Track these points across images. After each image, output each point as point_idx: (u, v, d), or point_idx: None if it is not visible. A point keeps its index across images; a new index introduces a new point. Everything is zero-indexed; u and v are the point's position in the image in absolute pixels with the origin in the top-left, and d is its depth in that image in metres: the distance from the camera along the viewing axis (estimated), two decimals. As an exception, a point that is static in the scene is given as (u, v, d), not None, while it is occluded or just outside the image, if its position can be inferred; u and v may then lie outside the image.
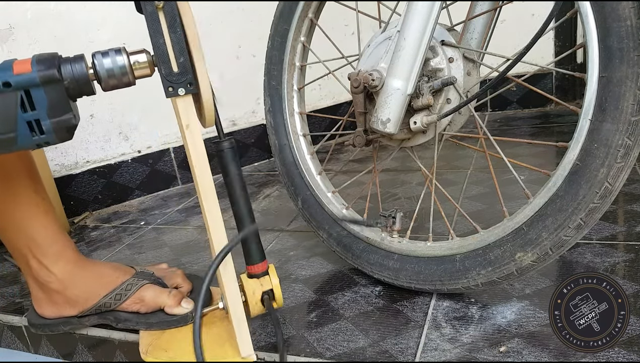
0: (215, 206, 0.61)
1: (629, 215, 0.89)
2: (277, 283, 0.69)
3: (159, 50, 0.55)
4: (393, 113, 0.68)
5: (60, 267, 0.76)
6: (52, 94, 0.54)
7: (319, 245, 0.97)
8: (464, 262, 0.69)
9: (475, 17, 0.72)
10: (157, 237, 1.16)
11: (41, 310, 0.79)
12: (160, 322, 0.76)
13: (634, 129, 0.54)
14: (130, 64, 0.57)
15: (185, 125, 0.58)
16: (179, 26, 0.55)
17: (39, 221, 0.75)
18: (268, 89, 0.91)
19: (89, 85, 0.56)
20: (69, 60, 0.56)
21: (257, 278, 0.69)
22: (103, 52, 0.57)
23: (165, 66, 0.56)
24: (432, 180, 0.74)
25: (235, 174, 0.66)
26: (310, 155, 0.89)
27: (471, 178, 1.18)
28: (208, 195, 0.61)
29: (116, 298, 0.76)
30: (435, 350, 0.63)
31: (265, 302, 0.68)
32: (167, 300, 0.75)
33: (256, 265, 0.69)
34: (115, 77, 0.57)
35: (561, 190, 0.59)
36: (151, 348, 0.72)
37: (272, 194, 1.32)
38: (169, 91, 0.57)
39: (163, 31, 0.55)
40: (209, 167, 0.61)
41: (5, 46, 1.26)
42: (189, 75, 0.56)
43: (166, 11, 0.54)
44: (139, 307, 0.76)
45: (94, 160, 1.42)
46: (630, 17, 0.53)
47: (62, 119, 0.55)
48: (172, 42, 0.55)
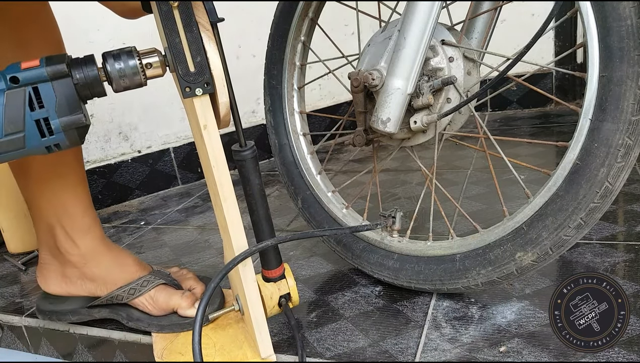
0: (234, 209, 0.61)
1: (629, 215, 0.89)
2: (293, 285, 0.70)
3: (175, 49, 0.55)
4: (393, 112, 0.68)
5: (87, 241, 0.75)
6: (60, 90, 0.53)
7: (319, 245, 0.97)
8: (464, 262, 0.69)
9: (475, 17, 0.72)
10: (157, 237, 1.16)
11: (46, 285, 0.77)
12: (172, 325, 0.75)
13: (634, 129, 0.54)
14: (142, 65, 0.56)
15: (203, 126, 0.57)
16: (195, 25, 0.54)
17: (75, 191, 0.74)
18: (268, 88, 0.91)
19: (100, 85, 0.55)
20: (78, 60, 0.55)
21: (274, 282, 0.69)
22: (114, 54, 0.55)
23: (182, 66, 0.55)
24: (432, 179, 0.74)
25: (257, 184, 0.64)
26: (310, 155, 0.89)
27: (471, 178, 1.18)
28: (227, 198, 0.60)
29: (130, 292, 0.75)
30: (435, 350, 0.63)
31: (284, 306, 0.69)
32: (180, 302, 0.74)
33: (273, 270, 0.69)
34: (127, 78, 0.56)
35: (561, 190, 0.59)
36: (167, 352, 0.71)
37: (272, 194, 1.32)
38: (186, 92, 0.56)
39: (179, 30, 0.54)
40: (227, 169, 0.60)
41: (5, 46, 1.25)
42: (205, 75, 0.55)
43: (181, 10, 0.54)
44: (150, 307, 0.75)
45: (93, 160, 1.42)
46: (631, 16, 0.53)
47: (72, 118, 0.53)
48: (188, 42, 0.54)
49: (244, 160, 0.63)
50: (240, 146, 0.63)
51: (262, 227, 0.67)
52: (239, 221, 0.62)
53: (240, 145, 0.63)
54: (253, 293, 0.64)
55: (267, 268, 0.69)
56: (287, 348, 0.68)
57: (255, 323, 0.64)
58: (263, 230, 0.67)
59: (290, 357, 0.66)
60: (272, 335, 0.71)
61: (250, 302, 0.64)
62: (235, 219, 0.61)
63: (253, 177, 0.64)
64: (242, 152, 0.63)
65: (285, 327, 0.73)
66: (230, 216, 0.61)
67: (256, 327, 0.64)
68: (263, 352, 0.65)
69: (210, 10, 0.55)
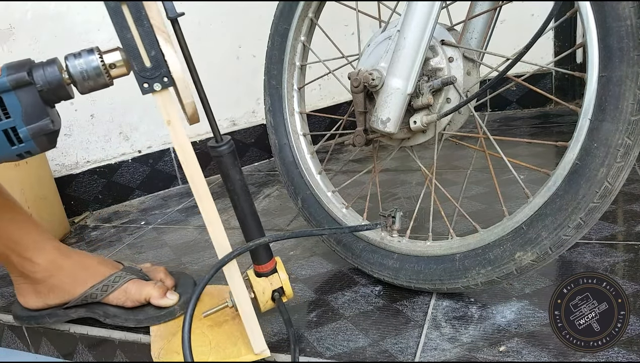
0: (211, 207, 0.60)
1: (628, 215, 0.89)
2: (286, 279, 0.69)
3: (128, 45, 0.53)
4: (393, 112, 0.68)
5: (44, 256, 0.77)
6: (25, 98, 0.53)
7: (319, 245, 0.97)
8: (463, 262, 0.69)
9: (475, 17, 0.72)
10: (158, 237, 1.16)
11: (25, 302, 0.80)
12: (149, 318, 0.77)
13: (633, 129, 0.54)
14: (104, 64, 0.55)
15: (167, 121, 0.56)
16: (146, 18, 0.52)
17: (14, 222, 0.77)
18: (268, 88, 0.91)
19: (63, 89, 0.55)
20: (41, 64, 0.54)
21: (265, 277, 0.69)
22: (75, 54, 0.55)
23: (137, 62, 0.53)
24: (432, 179, 0.74)
25: (237, 179, 0.63)
26: (310, 155, 0.89)
27: (471, 178, 1.18)
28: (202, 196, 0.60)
29: (103, 289, 0.77)
30: (435, 350, 0.63)
31: (277, 301, 0.69)
32: (152, 291, 0.77)
33: (264, 265, 0.68)
34: (90, 79, 0.55)
35: (561, 190, 0.59)
36: (163, 352, 0.71)
37: (272, 194, 1.32)
38: (144, 88, 0.54)
39: (130, 26, 0.52)
40: (197, 164, 0.59)
41: (5, 46, 1.26)
42: (163, 69, 0.54)
43: (130, 5, 0.52)
44: (124, 300, 0.78)
45: (94, 160, 1.42)
46: (630, 16, 0.53)
47: (39, 125, 0.54)
48: (140, 36, 0.53)
49: (222, 156, 0.62)
50: (217, 141, 0.62)
51: (248, 223, 0.66)
52: (217, 219, 0.61)
53: (216, 140, 0.62)
54: (239, 289, 0.64)
55: (258, 263, 0.68)
56: (287, 348, 0.68)
57: (245, 320, 0.65)
58: (249, 225, 0.66)
59: (290, 356, 0.66)
60: (272, 335, 0.71)
61: (238, 298, 0.64)
62: (213, 218, 0.61)
63: (233, 172, 0.63)
64: (218, 148, 0.61)
65: (283, 326, 0.73)
66: (207, 215, 0.60)
67: (246, 323, 0.65)
68: (256, 348, 0.65)
69: (168, 8, 0.54)
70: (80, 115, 1.37)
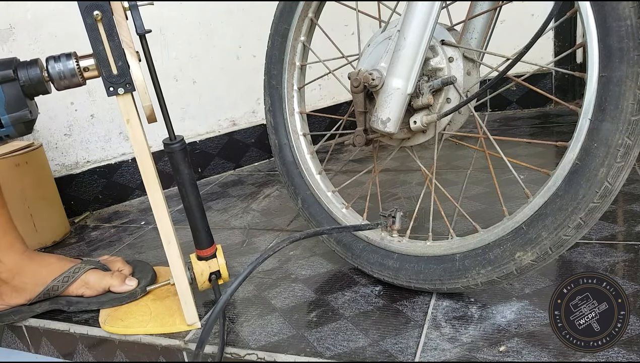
0: (156, 187, 0.69)
1: (628, 215, 0.89)
2: (223, 264, 0.79)
3: (99, 55, 0.64)
4: (393, 112, 0.68)
5: (10, 256, 0.80)
6: (8, 91, 0.64)
7: (319, 245, 0.97)
8: (463, 262, 0.69)
9: (475, 17, 0.72)
10: (157, 237, 1.15)
11: None
12: (112, 300, 0.83)
13: (633, 129, 0.54)
14: (79, 67, 0.65)
15: (126, 120, 0.66)
16: (116, 35, 0.63)
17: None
18: (268, 88, 0.91)
19: (42, 85, 0.65)
20: (25, 63, 0.65)
21: (205, 260, 0.78)
22: (55, 57, 0.65)
23: (106, 69, 0.64)
24: (432, 179, 0.74)
25: (186, 173, 0.74)
26: (310, 155, 0.89)
27: (471, 178, 1.18)
28: (150, 181, 0.68)
29: (64, 281, 0.82)
30: (435, 350, 0.63)
31: (213, 282, 0.78)
32: (111, 281, 0.83)
33: (205, 250, 0.78)
34: (66, 79, 0.65)
35: (561, 190, 0.59)
36: (109, 319, 0.80)
37: (272, 194, 1.32)
38: (110, 91, 0.65)
39: (103, 40, 0.63)
40: (150, 158, 0.68)
41: (5, 46, 1.26)
42: (127, 77, 0.64)
43: (104, 22, 0.62)
44: (84, 289, 0.82)
45: (94, 160, 1.42)
46: (630, 16, 0.53)
47: (19, 114, 0.65)
48: (110, 49, 0.63)
49: (173, 152, 0.72)
50: (170, 139, 0.73)
51: (193, 212, 0.76)
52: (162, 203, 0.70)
53: (170, 138, 0.73)
54: (177, 268, 0.73)
55: (200, 248, 0.78)
56: (287, 348, 0.68)
57: (180, 294, 0.74)
58: (194, 214, 0.76)
59: (290, 356, 0.66)
60: (272, 335, 0.71)
61: (175, 275, 0.73)
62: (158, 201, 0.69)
63: (182, 167, 0.73)
64: (171, 145, 0.72)
65: (286, 325, 0.73)
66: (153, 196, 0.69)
67: (182, 297, 0.74)
68: (189, 320, 0.75)
69: (138, 25, 0.65)
70: (80, 115, 1.37)
